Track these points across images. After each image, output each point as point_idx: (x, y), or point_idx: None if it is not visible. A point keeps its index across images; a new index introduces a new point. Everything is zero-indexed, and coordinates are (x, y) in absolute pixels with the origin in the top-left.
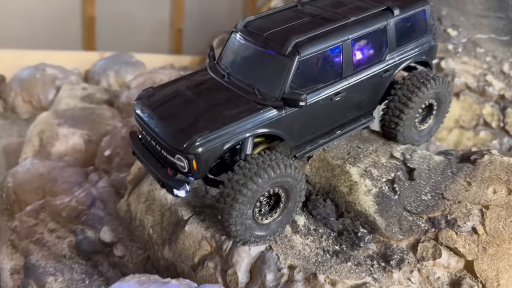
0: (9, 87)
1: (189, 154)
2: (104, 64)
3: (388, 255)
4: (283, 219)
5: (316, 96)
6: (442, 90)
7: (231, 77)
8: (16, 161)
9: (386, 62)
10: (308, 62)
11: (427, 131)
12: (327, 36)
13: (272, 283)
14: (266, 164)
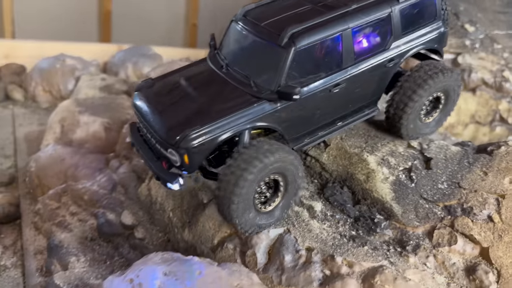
0: (30, 77)
1: (181, 149)
2: (123, 56)
3: (404, 241)
4: (284, 205)
5: (313, 88)
6: (450, 83)
7: (229, 68)
8: (37, 148)
9: (391, 51)
10: (305, 53)
11: (432, 124)
12: (325, 25)
13: (290, 264)
14: (264, 149)
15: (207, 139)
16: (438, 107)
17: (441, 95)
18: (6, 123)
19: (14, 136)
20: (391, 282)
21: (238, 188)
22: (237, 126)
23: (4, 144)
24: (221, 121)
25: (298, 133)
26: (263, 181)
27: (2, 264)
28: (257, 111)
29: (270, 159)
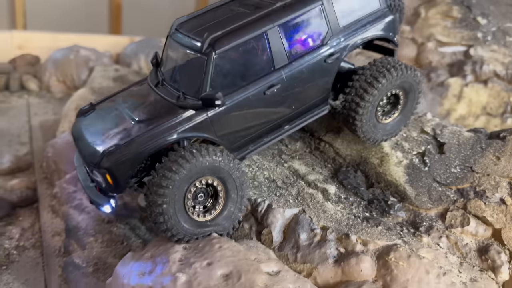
0: (44, 68)
1: (101, 169)
2: (135, 47)
3: (417, 222)
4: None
5: (244, 92)
6: (411, 82)
7: (165, 83)
8: (53, 136)
9: (329, 46)
10: (228, 57)
11: (392, 125)
12: (247, 27)
13: (305, 242)
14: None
15: (127, 156)
16: (397, 108)
17: (399, 93)
18: (21, 112)
19: (29, 125)
20: (405, 259)
21: (162, 188)
22: (161, 139)
23: (20, 132)
24: (141, 136)
25: (239, 141)
26: (195, 185)
27: (22, 245)
28: (184, 121)
29: (198, 160)
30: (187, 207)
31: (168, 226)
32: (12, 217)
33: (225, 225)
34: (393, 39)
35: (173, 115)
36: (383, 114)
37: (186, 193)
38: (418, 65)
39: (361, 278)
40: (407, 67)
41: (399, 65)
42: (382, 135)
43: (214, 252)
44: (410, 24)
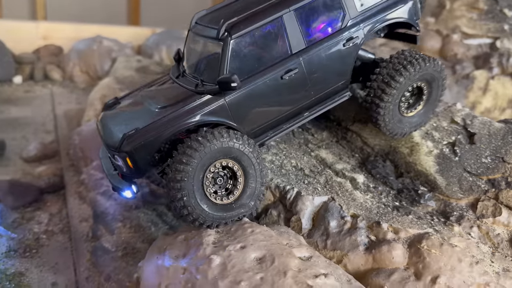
0: (68, 58)
1: (122, 152)
2: (157, 39)
3: (447, 212)
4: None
5: (261, 77)
6: (432, 72)
7: (185, 75)
8: (77, 124)
9: (348, 30)
10: (245, 42)
11: (415, 119)
12: (263, 12)
13: (335, 230)
14: (207, 135)
15: (146, 140)
16: (421, 100)
17: (423, 86)
18: (46, 102)
19: (54, 114)
20: (437, 247)
21: (178, 183)
22: (178, 123)
23: (45, 120)
24: (159, 121)
25: (258, 126)
26: (210, 171)
27: (50, 230)
28: (201, 106)
29: (206, 146)
30: (208, 193)
31: (194, 216)
32: (40, 202)
33: (250, 204)
34: (414, 23)
35: (191, 101)
36: (408, 107)
37: (204, 180)
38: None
39: (392, 266)
40: (434, 60)
41: (427, 57)
42: (410, 128)
43: (246, 236)
44: (434, 16)
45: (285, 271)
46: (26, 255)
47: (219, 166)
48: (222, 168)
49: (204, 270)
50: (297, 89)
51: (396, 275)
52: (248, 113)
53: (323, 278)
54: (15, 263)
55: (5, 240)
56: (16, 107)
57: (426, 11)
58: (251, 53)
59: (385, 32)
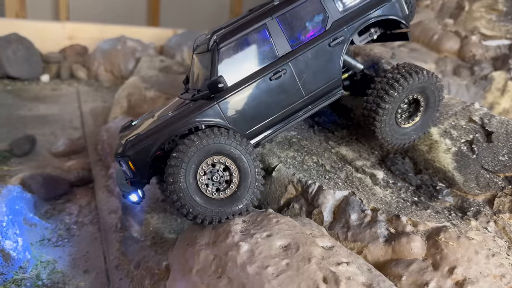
0: (93, 57)
1: (125, 157)
2: (179, 39)
3: (465, 207)
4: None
5: (250, 80)
6: (427, 85)
7: (189, 90)
8: (103, 121)
9: (332, 31)
10: (233, 50)
11: (412, 130)
12: (249, 23)
13: (355, 222)
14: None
15: (145, 144)
16: (419, 111)
17: (419, 98)
18: (72, 99)
19: (80, 111)
20: (455, 240)
21: (173, 186)
22: (174, 127)
23: (72, 117)
24: (157, 127)
25: (253, 127)
26: (207, 164)
27: (80, 221)
28: (195, 111)
29: (204, 142)
30: (203, 189)
31: (194, 213)
32: (70, 195)
33: (246, 198)
34: (401, 19)
35: (186, 107)
36: (405, 119)
37: (199, 183)
38: (461, 58)
39: (411, 257)
40: (429, 72)
41: (421, 70)
42: (408, 139)
43: (272, 226)
44: (453, 17)
45: (309, 258)
46: (59, 244)
47: (211, 163)
48: (215, 164)
49: (233, 256)
50: (287, 90)
51: (414, 265)
52: (240, 115)
53: (345, 265)
54: (48, 251)
55: (39, 229)
56: (44, 105)
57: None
58: (239, 59)
59: (378, 35)
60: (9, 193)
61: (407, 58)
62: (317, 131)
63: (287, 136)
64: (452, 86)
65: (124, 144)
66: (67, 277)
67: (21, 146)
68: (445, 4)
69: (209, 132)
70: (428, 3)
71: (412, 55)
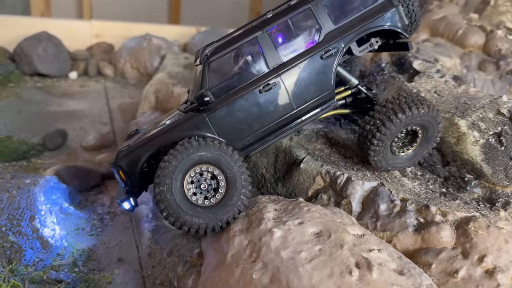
0: (119, 55)
1: (116, 166)
2: (202, 37)
3: (493, 198)
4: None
5: (240, 92)
6: (427, 119)
7: (187, 101)
8: (131, 117)
9: (324, 43)
10: (223, 63)
11: (405, 158)
12: (240, 36)
13: (385, 212)
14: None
15: (135, 154)
16: (415, 142)
17: (418, 130)
18: (100, 96)
19: (108, 107)
20: (484, 229)
21: (162, 203)
22: (164, 138)
23: (100, 113)
24: (148, 138)
25: (243, 139)
26: (194, 172)
27: (112, 211)
28: (184, 122)
29: (190, 152)
30: (190, 197)
31: (184, 223)
32: (102, 187)
33: (234, 205)
34: (400, 29)
35: (177, 119)
36: (400, 147)
37: (186, 191)
38: (486, 53)
39: (440, 246)
40: (429, 106)
41: (422, 104)
42: (393, 166)
43: (303, 213)
44: (478, 12)
45: (342, 244)
46: (93, 233)
47: (198, 171)
48: (202, 173)
49: (267, 241)
50: (278, 103)
51: (444, 254)
52: (230, 127)
53: (377, 252)
54: (83, 240)
55: (74, 219)
56: (73, 101)
57: (469, 7)
58: (229, 72)
59: (379, 45)
60: (46, 184)
61: (432, 52)
62: (343, 124)
63: (314, 129)
64: (477, 81)
65: (116, 154)
66: (101, 265)
67: (54, 140)
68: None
69: (195, 142)
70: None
71: (437, 50)
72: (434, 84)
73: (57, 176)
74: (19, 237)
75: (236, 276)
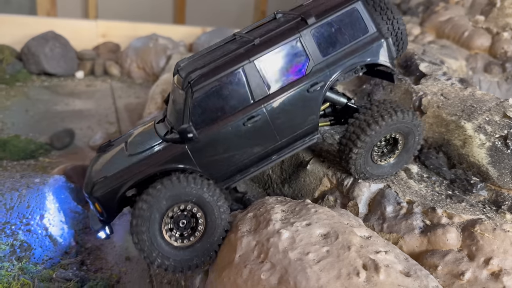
0: (125, 54)
1: (92, 198)
2: (208, 37)
3: (499, 201)
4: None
5: (223, 124)
6: (407, 125)
7: (165, 119)
8: (138, 117)
9: (311, 76)
10: (206, 92)
11: (386, 167)
12: (225, 64)
13: (391, 214)
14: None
15: (112, 187)
16: (397, 150)
17: (398, 137)
18: (106, 95)
19: (115, 106)
20: (490, 232)
21: (138, 210)
22: (141, 172)
23: (107, 113)
24: (125, 168)
25: (225, 170)
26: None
27: None
28: (164, 154)
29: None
30: (168, 237)
31: (161, 265)
32: None
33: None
34: (387, 63)
35: (157, 148)
36: (381, 155)
37: (163, 232)
38: (492, 55)
39: (446, 248)
40: (409, 112)
41: (400, 110)
42: (374, 174)
43: (311, 215)
44: (484, 14)
45: (349, 246)
46: None
47: (177, 210)
48: (183, 211)
49: (275, 242)
50: (261, 135)
51: (450, 256)
52: (211, 159)
53: (384, 254)
54: (91, 239)
55: (82, 218)
56: (80, 100)
57: (475, 9)
58: (213, 103)
59: (364, 71)
60: (55, 183)
61: (437, 54)
62: None
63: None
64: (483, 83)
65: (92, 185)
66: (109, 264)
67: (61, 139)
68: (476, 1)
69: (175, 180)
70: (459, 0)
71: (442, 51)
72: (440, 87)
73: (65, 175)
74: (28, 236)
75: (244, 277)
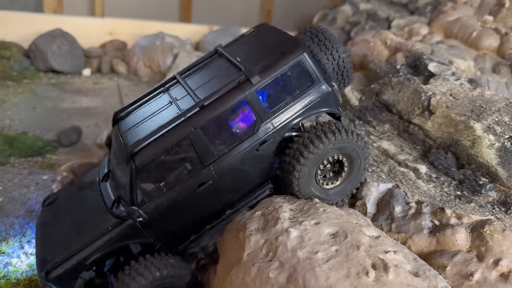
0: (132, 53)
1: (49, 281)
2: (215, 36)
3: (508, 202)
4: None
5: (173, 194)
6: (349, 145)
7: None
8: None
9: (259, 134)
10: (152, 166)
11: (332, 192)
12: (168, 135)
13: (400, 214)
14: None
15: (68, 270)
16: (343, 172)
17: (342, 159)
18: (113, 93)
19: (122, 104)
20: (499, 232)
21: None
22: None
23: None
24: (76, 252)
25: (179, 235)
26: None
27: None
28: (115, 231)
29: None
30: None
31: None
32: None
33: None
34: (334, 112)
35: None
36: (325, 179)
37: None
38: (500, 56)
39: (455, 248)
40: (349, 132)
41: (340, 130)
42: (324, 199)
43: (319, 214)
44: (493, 14)
45: (358, 246)
46: None
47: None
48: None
49: (283, 241)
50: (215, 197)
51: (459, 256)
52: (164, 229)
53: (393, 254)
54: None
55: None
56: (87, 98)
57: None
58: (160, 174)
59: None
60: (63, 180)
61: (446, 54)
62: (358, 126)
63: None
64: (491, 83)
65: (46, 271)
66: None
67: (68, 137)
68: (484, 1)
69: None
70: (467, 0)
71: (451, 52)
72: (449, 87)
73: (72, 173)
74: None
75: (252, 275)
